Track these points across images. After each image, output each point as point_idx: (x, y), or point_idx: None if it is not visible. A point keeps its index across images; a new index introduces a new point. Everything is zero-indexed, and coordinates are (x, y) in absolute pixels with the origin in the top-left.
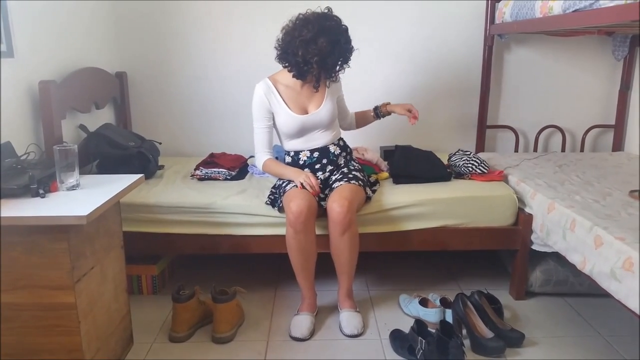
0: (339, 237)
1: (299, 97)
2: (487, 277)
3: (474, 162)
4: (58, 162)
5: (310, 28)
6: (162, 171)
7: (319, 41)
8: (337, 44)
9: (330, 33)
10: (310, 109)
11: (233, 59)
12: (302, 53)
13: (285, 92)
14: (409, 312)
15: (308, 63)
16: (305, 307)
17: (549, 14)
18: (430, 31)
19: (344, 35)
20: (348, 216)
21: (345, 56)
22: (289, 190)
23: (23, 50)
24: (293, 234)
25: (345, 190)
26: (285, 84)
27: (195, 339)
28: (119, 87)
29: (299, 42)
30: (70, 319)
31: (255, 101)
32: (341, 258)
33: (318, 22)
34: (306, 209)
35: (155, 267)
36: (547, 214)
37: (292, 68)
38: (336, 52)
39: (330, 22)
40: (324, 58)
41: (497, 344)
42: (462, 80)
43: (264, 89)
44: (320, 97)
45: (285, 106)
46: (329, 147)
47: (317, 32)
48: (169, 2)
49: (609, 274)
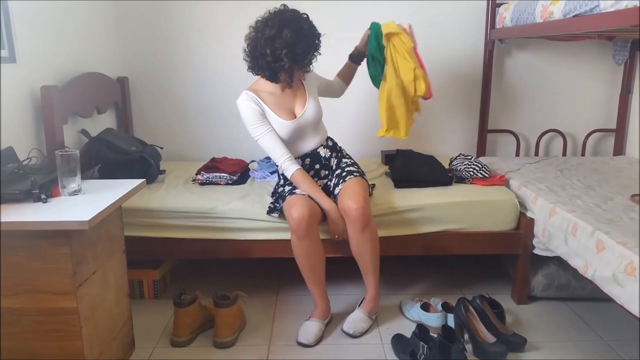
0: (360, 235)
1: (283, 101)
2: (489, 282)
3: (475, 166)
4: (60, 167)
5: (271, 25)
6: (164, 176)
7: (283, 34)
8: (301, 31)
9: (291, 23)
10: (297, 111)
11: (234, 63)
12: (270, 51)
13: (270, 99)
14: (410, 316)
15: (278, 59)
16: (316, 313)
17: (550, 19)
18: (431, 36)
19: (305, 21)
20: (366, 211)
21: (313, 42)
22: (290, 196)
23: (25, 56)
24: (297, 241)
25: (354, 186)
26: (267, 91)
27: (196, 343)
28: (121, 92)
29: (264, 41)
30: (72, 323)
31: (247, 111)
32: (364, 256)
33: (277, 18)
34: (307, 215)
35: (157, 272)
36: (548, 219)
37: (264, 71)
38: (302, 40)
39: (288, 13)
40: (292, 48)
41: (499, 349)
42: (463, 85)
43: (249, 98)
44: (303, 97)
45: (274, 114)
46: (319, 151)
47: (279, 26)
48: (170, 7)
49: (610, 279)
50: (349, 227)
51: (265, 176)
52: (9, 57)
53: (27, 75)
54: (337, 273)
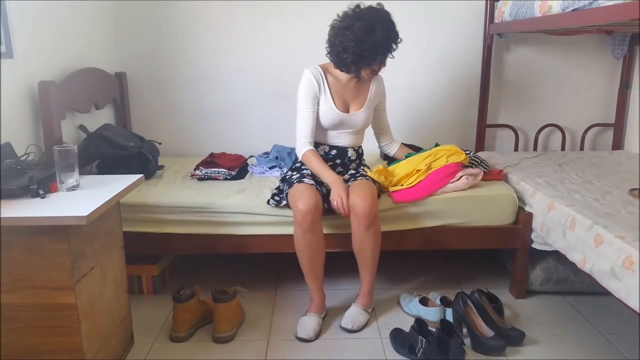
0: (363, 232)
1: (344, 92)
2: (488, 276)
3: (474, 161)
4: (58, 163)
5: (350, 16)
6: (162, 171)
7: (355, 27)
8: (373, 28)
9: (366, 18)
10: (352, 109)
11: (233, 59)
12: (339, 41)
13: (333, 84)
14: (409, 311)
15: (345, 50)
16: (313, 308)
17: (548, 13)
18: (429, 30)
19: (383, 21)
20: (373, 210)
21: (383, 42)
22: (295, 186)
23: (23, 51)
24: (301, 234)
25: (365, 185)
26: (334, 75)
27: (195, 338)
28: (119, 88)
29: (337, 30)
30: (70, 319)
31: (305, 84)
32: (365, 253)
33: (358, 11)
34: (314, 207)
35: (156, 267)
36: (547, 213)
37: (333, 57)
38: (372, 37)
39: (369, 10)
40: (360, 43)
41: (497, 343)
42: (462, 80)
43: (314, 73)
44: (363, 100)
45: (330, 97)
46: (348, 150)
47: (354, 18)
48: (168, 3)
49: (609, 273)
50: (354, 223)
51: (264, 171)
52: (7, 53)
53: (25, 71)
54: (334, 267)
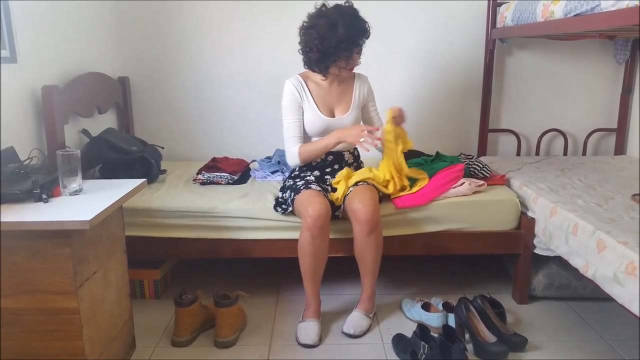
0: (365, 238)
1: (327, 97)
2: (490, 282)
3: (476, 166)
4: (61, 167)
5: (314, 15)
6: (165, 175)
7: (318, 24)
8: (335, 25)
9: (330, 15)
10: (337, 113)
11: (235, 63)
12: (305, 40)
13: (315, 90)
14: (411, 316)
15: (310, 49)
16: (311, 313)
17: (551, 18)
18: (431, 35)
19: (347, 17)
20: (375, 215)
21: (348, 37)
22: (304, 192)
23: (26, 56)
24: (310, 239)
25: (366, 191)
26: (315, 81)
27: (197, 343)
28: (122, 92)
29: (303, 30)
30: (72, 323)
31: (286, 96)
32: (367, 258)
33: (322, 9)
34: (324, 212)
35: (158, 272)
36: (549, 218)
37: (304, 58)
38: (335, 33)
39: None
40: (323, 40)
41: (499, 349)
42: (464, 84)
43: (295, 83)
44: (348, 103)
45: (314, 105)
46: (344, 154)
47: (318, 17)
48: (171, 7)
49: (611, 278)
50: (356, 228)
51: (266, 176)
52: (10, 57)
53: (28, 75)
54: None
